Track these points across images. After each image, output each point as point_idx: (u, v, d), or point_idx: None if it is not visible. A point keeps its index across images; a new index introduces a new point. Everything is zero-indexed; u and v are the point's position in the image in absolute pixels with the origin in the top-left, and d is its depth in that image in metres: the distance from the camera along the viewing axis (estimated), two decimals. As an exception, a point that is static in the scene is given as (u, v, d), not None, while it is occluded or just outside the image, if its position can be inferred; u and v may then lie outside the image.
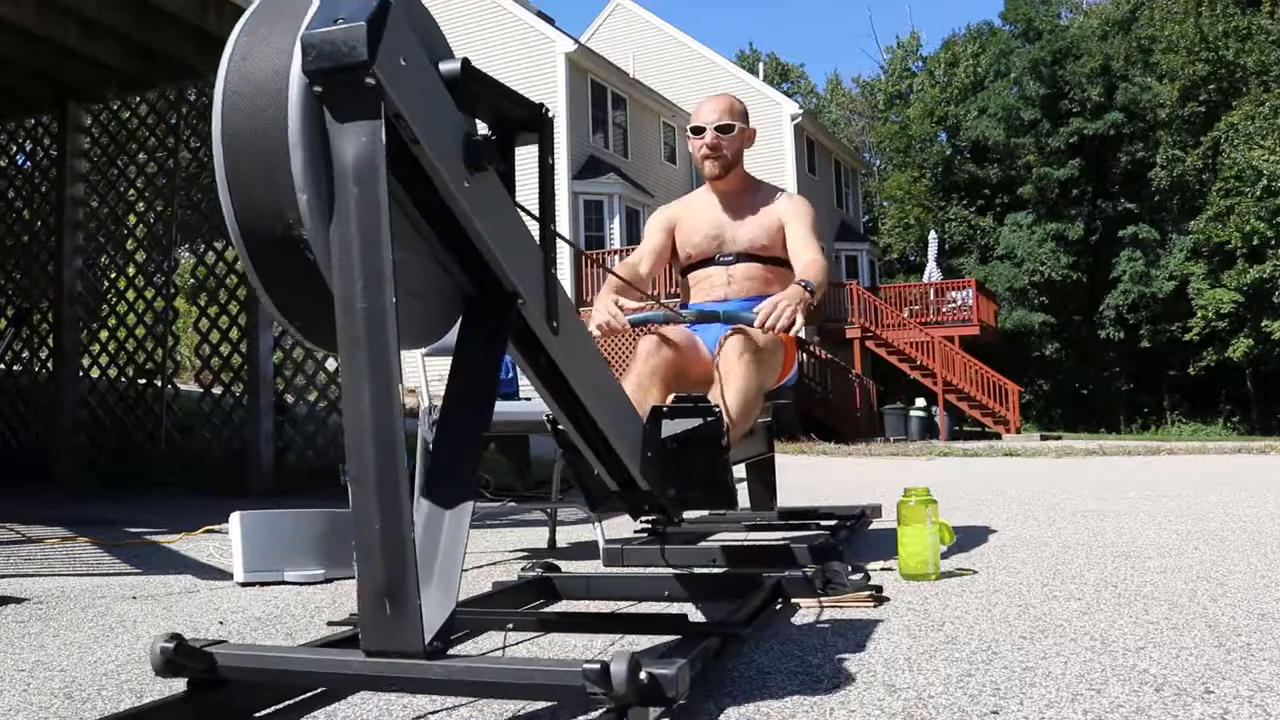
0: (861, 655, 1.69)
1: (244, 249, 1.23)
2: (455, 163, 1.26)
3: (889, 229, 33.96)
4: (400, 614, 1.17)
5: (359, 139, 1.16)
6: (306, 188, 1.16)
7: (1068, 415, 29.70)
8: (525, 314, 1.44)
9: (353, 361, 1.18)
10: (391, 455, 1.18)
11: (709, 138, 2.80)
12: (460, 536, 1.28)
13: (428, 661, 1.17)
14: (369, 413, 1.18)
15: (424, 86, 1.22)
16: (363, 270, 1.16)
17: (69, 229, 6.31)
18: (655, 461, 1.89)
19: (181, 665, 1.29)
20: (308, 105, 1.17)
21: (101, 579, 2.82)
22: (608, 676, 1.13)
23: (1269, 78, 26.06)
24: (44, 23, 5.16)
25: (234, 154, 1.21)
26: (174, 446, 6.15)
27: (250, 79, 1.22)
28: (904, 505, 2.46)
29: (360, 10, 1.12)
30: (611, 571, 2.71)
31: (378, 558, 1.18)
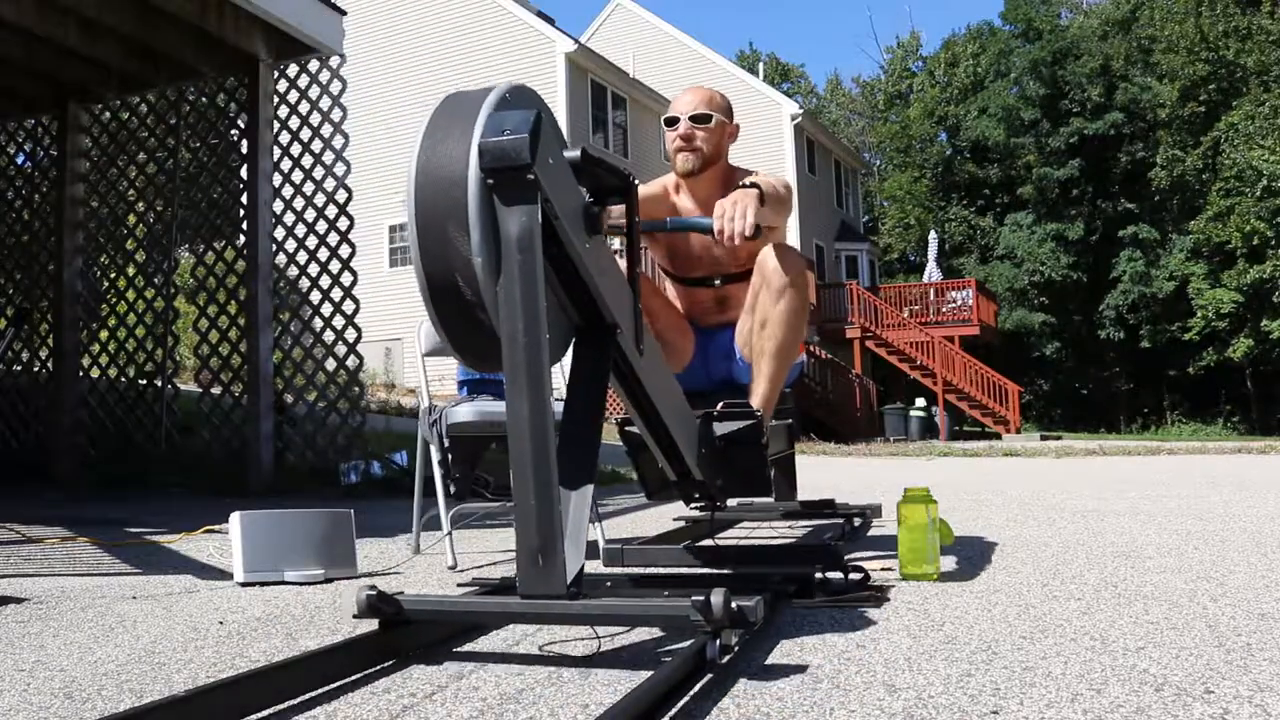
0: (861, 655, 1.69)
1: (429, 299, 1.62)
2: (579, 229, 1.69)
3: (889, 229, 33.97)
4: (550, 567, 1.56)
5: (520, 219, 1.56)
6: (482, 253, 1.55)
7: (1068, 415, 29.71)
8: (620, 340, 1.86)
9: (515, 381, 1.59)
10: (544, 448, 1.58)
11: (682, 128, 2.51)
12: (585, 511, 1.69)
13: (569, 601, 1.56)
14: (528, 421, 1.58)
15: (562, 176, 1.64)
16: (524, 314, 1.57)
17: (69, 229, 6.31)
18: (708, 456, 2.26)
19: (379, 608, 1.69)
20: (482, 193, 1.55)
21: (101, 579, 2.82)
22: (709, 607, 1.50)
23: (1269, 78, 26.06)
24: (44, 23, 5.16)
25: (425, 227, 1.58)
26: (174, 447, 6.15)
27: (436, 171, 1.58)
28: (904, 505, 2.46)
29: (523, 125, 1.52)
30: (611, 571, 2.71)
31: (533, 525, 1.57)
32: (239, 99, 6.02)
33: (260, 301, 5.74)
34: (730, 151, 2.65)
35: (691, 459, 2.20)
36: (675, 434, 2.12)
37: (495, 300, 1.57)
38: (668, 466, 2.27)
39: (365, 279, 7.16)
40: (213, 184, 6.24)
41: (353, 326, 5.91)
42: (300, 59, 6.01)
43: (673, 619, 1.65)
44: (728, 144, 2.60)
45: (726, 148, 2.60)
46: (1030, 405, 28.00)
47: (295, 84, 6.03)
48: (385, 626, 1.72)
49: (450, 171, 1.56)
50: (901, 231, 33.45)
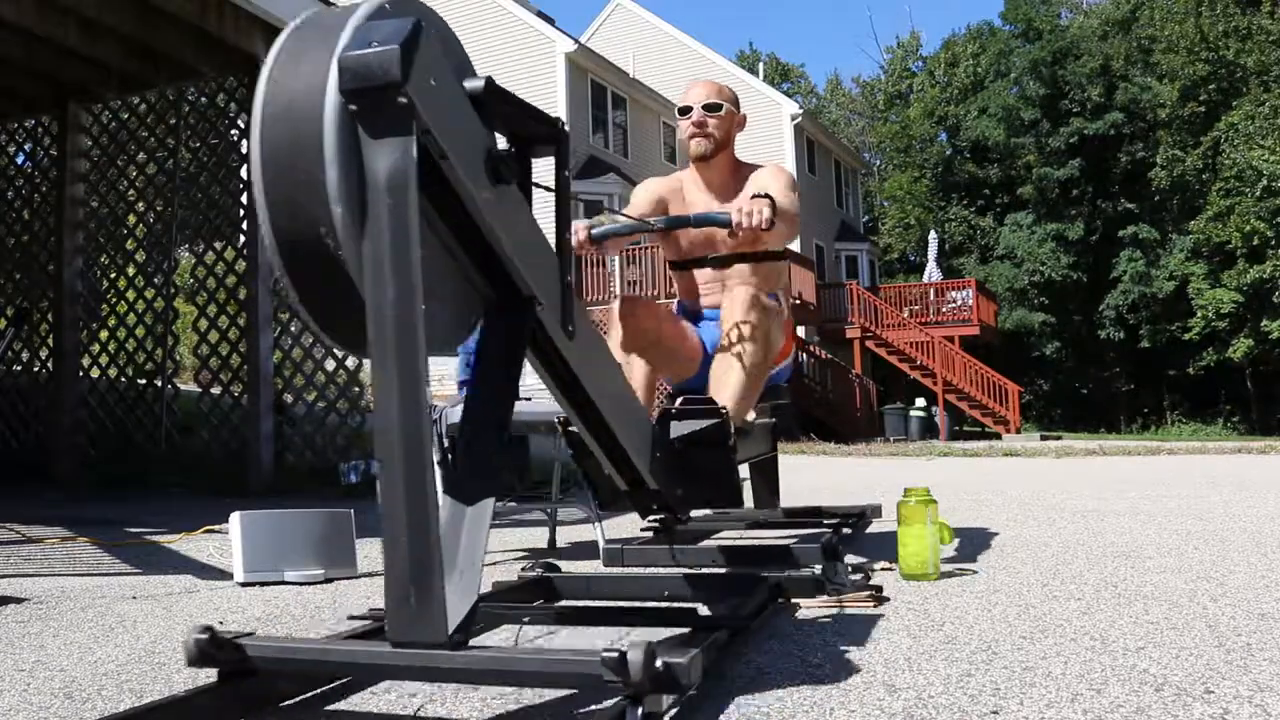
0: (861, 655, 1.69)
1: (280, 260, 1.30)
2: (479, 176, 1.34)
3: (889, 229, 33.97)
4: (425, 605, 1.23)
5: (391, 155, 1.23)
6: (341, 201, 1.23)
7: (1068, 415, 29.70)
8: (542, 318, 1.51)
9: (383, 365, 1.25)
10: (419, 453, 1.25)
11: (695, 116, 2.70)
12: (482, 532, 1.35)
13: (451, 652, 1.23)
14: (397, 413, 1.25)
15: (451, 104, 1.30)
16: (394, 279, 1.23)
17: (69, 229, 6.31)
18: (663, 461, 1.95)
19: (213, 655, 1.36)
20: (343, 123, 1.23)
21: (101, 579, 2.82)
22: (625, 664, 1.18)
23: (1269, 78, 26.06)
24: (44, 23, 5.16)
25: (271, 169, 1.27)
26: (174, 447, 6.15)
27: (288, 97, 1.27)
28: (904, 505, 2.46)
29: (394, 34, 1.20)
30: (612, 571, 2.71)
31: (404, 551, 1.24)
32: (239, 99, 6.02)
33: (260, 301, 5.74)
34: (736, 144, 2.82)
35: (644, 465, 1.88)
36: (621, 435, 1.78)
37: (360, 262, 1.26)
38: (615, 474, 1.94)
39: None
40: (213, 184, 6.24)
41: (353, 326, 5.90)
42: (300, 59, 5.99)
43: (580, 678, 1.29)
44: (735, 131, 2.77)
45: (734, 135, 2.77)
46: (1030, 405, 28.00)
47: (295, 84, 6.02)
48: (226, 678, 1.39)
49: (304, 98, 1.25)
50: (901, 231, 33.45)
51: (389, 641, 1.27)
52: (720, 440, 2.05)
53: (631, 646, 1.19)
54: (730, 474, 2.11)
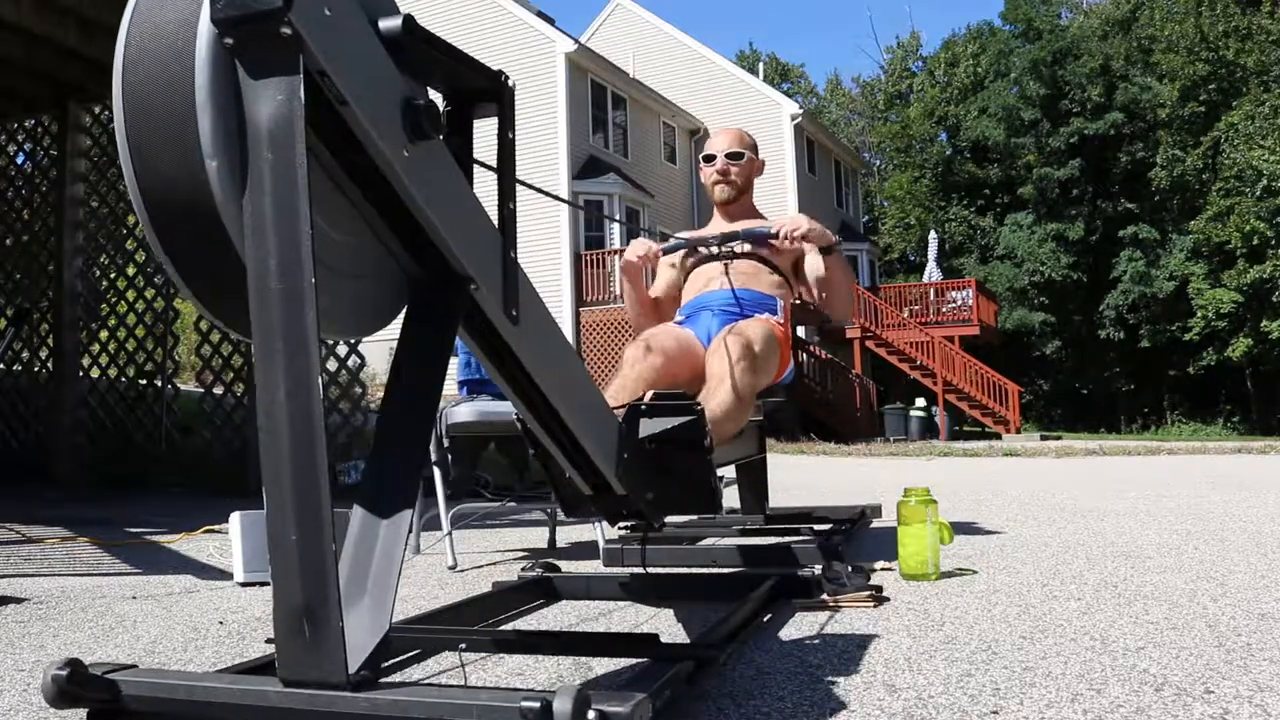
0: (861, 655, 1.69)
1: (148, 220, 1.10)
2: (392, 128, 1.13)
3: (889, 229, 33.96)
4: (320, 639, 1.04)
5: (275, 98, 1.03)
6: (217, 153, 1.04)
7: (1068, 415, 29.70)
8: (480, 301, 1.30)
9: (267, 348, 1.05)
10: (310, 458, 1.05)
11: (719, 164, 2.93)
12: (397, 550, 1.14)
13: (352, 694, 1.04)
14: (284, 408, 1.05)
15: (354, 41, 1.09)
16: (278, 245, 1.04)
17: (69, 229, 6.31)
18: (632, 463, 1.75)
19: (78, 695, 1.15)
20: (219, 60, 1.03)
21: (101, 579, 2.82)
22: (549, 716, 0.98)
23: (1269, 78, 26.06)
24: (44, 23, 5.16)
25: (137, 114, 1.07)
26: (174, 446, 6.15)
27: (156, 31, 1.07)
28: (904, 505, 2.46)
29: None
30: (612, 571, 2.71)
31: (294, 575, 1.05)
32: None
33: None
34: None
35: (609, 467, 1.67)
36: (581, 434, 1.57)
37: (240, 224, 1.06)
38: (577, 477, 1.74)
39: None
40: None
41: (353, 326, 5.91)
42: (300, 59, 6.00)
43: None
44: (755, 176, 3.02)
45: (754, 179, 3.02)
46: (1030, 405, 27.99)
47: (295, 84, 6.02)
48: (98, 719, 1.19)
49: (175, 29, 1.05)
50: (901, 231, 33.44)
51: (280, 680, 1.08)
52: (695, 440, 1.85)
53: (560, 692, 1.00)
54: (706, 477, 1.92)
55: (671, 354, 2.52)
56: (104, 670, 1.17)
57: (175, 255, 1.12)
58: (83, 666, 1.16)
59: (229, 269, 1.08)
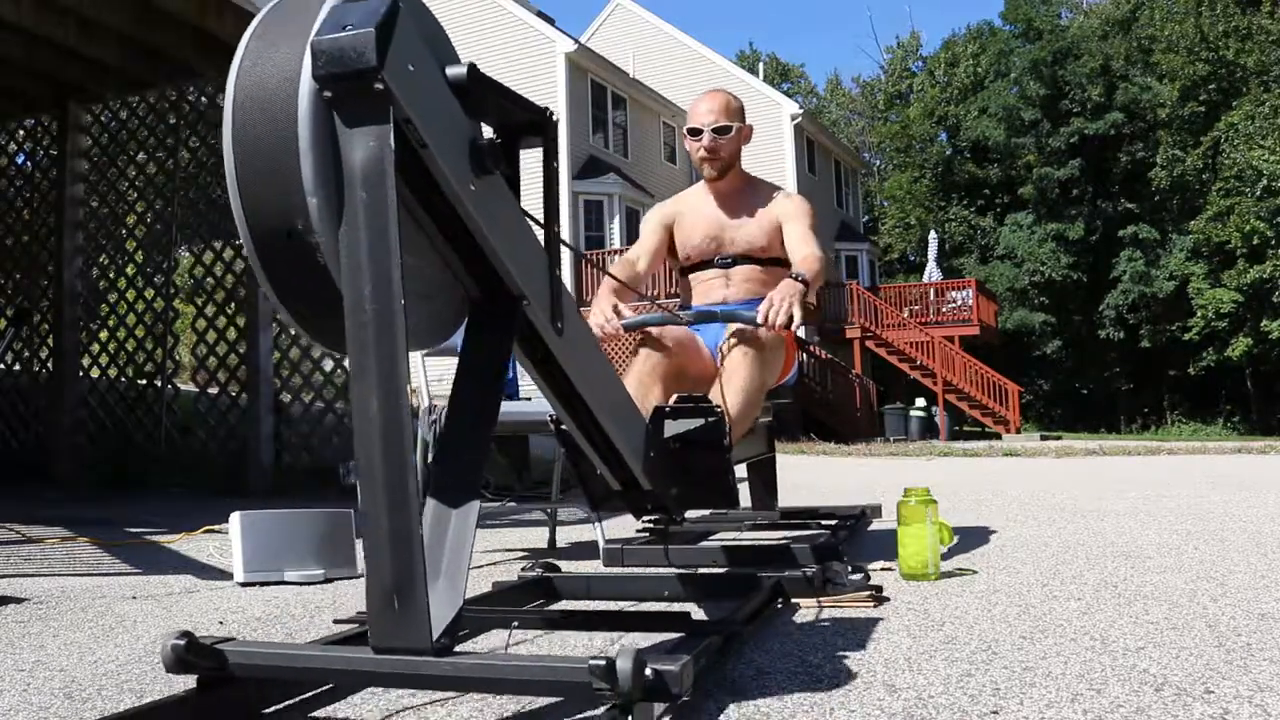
0: (861, 655, 1.69)
1: (254, 252, 1.25)
2: (461, 166, 1.29)
3: (889, 229, 33.97)
4: (408, 611, 1.19)
5: (368, 144, 1.18)
6: (316, 192, 1.18)
7: (1068, 415, 29.70)
8: (530, 315, 1.46)
9: (362, 363, 1.20)
10: (399, 455, 1.20)
11: (706, 140, 2.78)
12: (467, 536, 1.31)
13: (435, 658, 1.19)
14: (377, 414, 1.20)
15: (431, 91, 1.25)
16: (371, 273, 1.19)
17: (69, 229, 6.31)
18: (658, 461, 1.91)
19: (192, 663, 1.30)
20: (318, 111, 1.18)
21: (101, 579, 2.82)
22: (613, 672, 1.15)
23: (1269, 78, 26.06)
24: (44, 23, 5.16)
25: (244, 158, 1.22)
26: (174, 447, 6.15)
27: (261, 84, 1.22)
28: (904, 505, 2.46)
29: (369, 17, 1.15)
30: (612, 571, 2.71)
31: (386, 555, 1.20)
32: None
33: (260, 301, 5.74)
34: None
35: (637, 464, 1.84)
36: (614, 434, 1.75)
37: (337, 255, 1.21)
38: (607, 473, 1.91)
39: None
40: (213, 184, 6.24)
41: (352, 326, 5.91)
42: (300, 59, 6.00)
43: (568, 686, 1.25)
44: (744, 145, 2.87)
45: (742, 148, 2.87)
46: (1030, 405, 28.00)
47: (295, 84, 6.02)
48: (205, 687, 1.35)
49: (278, 84, 1.21)
50: (901, 231, 33.45)
51: (371, 648, 1.23)
52: (716, 440, 2.02)
53: (620, 654, 1.16)
54: (726, 474, 2.09)
55: (683, 348, 2.61)
56: (212, 642, 1.32)
57: (276, 281, 1.27)
58: (195, 638, 1.30)
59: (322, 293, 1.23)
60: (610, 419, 1.72)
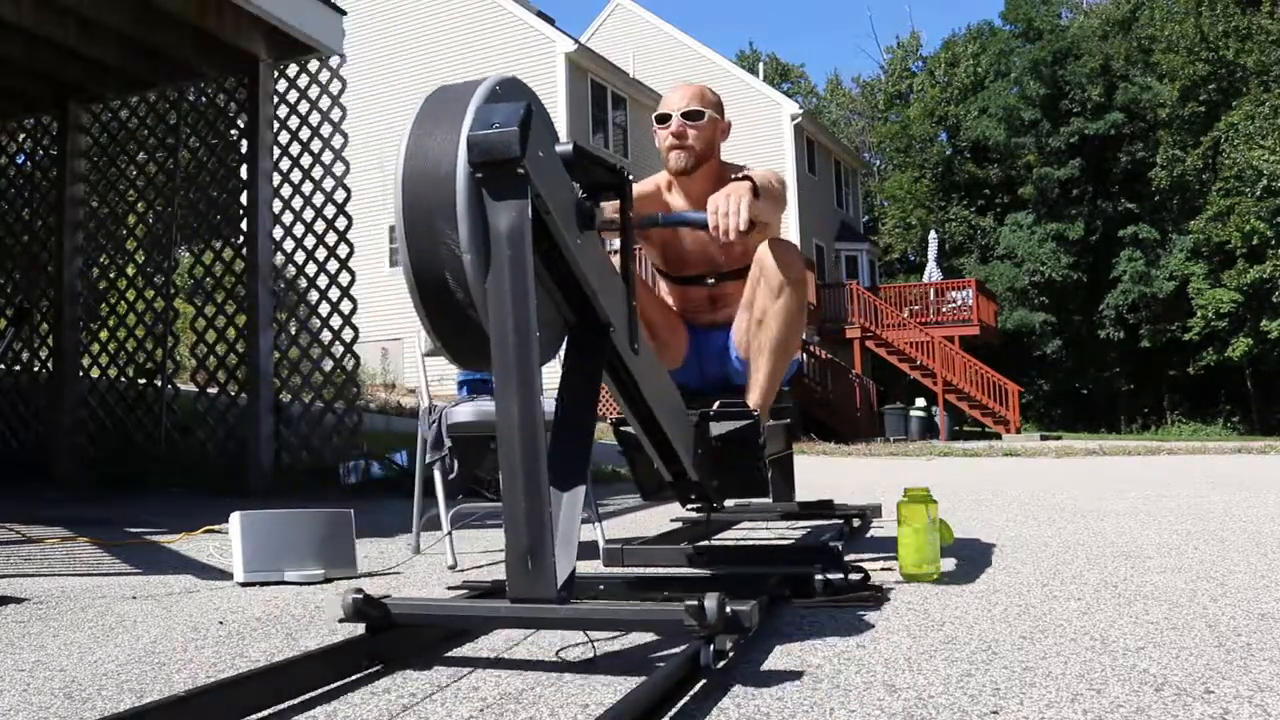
0: (861, 655, 1.69)
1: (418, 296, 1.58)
2: (571, 225, 1.64)
3: (889, 229, 33.97)
4: (539, 570, 1.52)
5: (511, 214, 1.51)
6: (471, 249, 1.51)
7: (1068, 415, 29.70)
8: (614, 339, 1.82)
9: (505, 381, 1.55)
10: (534, 449, 1.53)
11: (674, 125, 2.48)
12: (576, 513, 1.64)
13: (559, 605, 1.52)
14: (517, 419, 1.54)
15: (553, 169, 1.60)
16: (514, 312, 1.52)
17: (69, 229, 6.31)
18: (703, 457, 2.23)
19: (366, 612, 1.64)
20: (471, 187, 1.51)
21: (101, 579, 2.82)
22: (703, 612, 1.46)
23: (1269, 78, 26.06)
24: (44, 23, 5.16)
25: (411, 223, 1.55)
26: (174, 446, 6.15)
27: (426, 160, 1.54)
28: (904, 505, 2.46)
29: (512, 117, 1.48)
30: (611, 571, 2.71)
31: (523, 528, 1.53)
32: (239, 99, 6.02)
33: (260, 301, 5.74)
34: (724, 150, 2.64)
35: (687, 459, 2.18)
36: (671, 434, 2.09)
37: (485, 298, 1.54)
38: (663, 467, 2.24)
39: (364, 279, 7.17)
40: (213, 184, 6.24)
41: (350, 326, 5.91)
42: (300, 59, 6.01)
43: (666, 623, 1.62)
44: (720, 140, 2.57)
45: (719, 144, 2.57)
46: (1030, 405, 28.00)
47: (295, 84, 6.03)
48: (373, 631, 1.67)
49: (438, 166, 1.53)
50: (901, 231, 33.45)
51: (508, 598, 1.54)
52: (752, 439, 2.27)
53: (708, 597, 1.47)
54: (760, 469, 2.34)
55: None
56: (380, 597, 1.67)
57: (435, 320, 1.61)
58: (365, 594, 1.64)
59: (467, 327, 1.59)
60: (669, 421, 2.08)
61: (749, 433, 2.27)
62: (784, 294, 2.36)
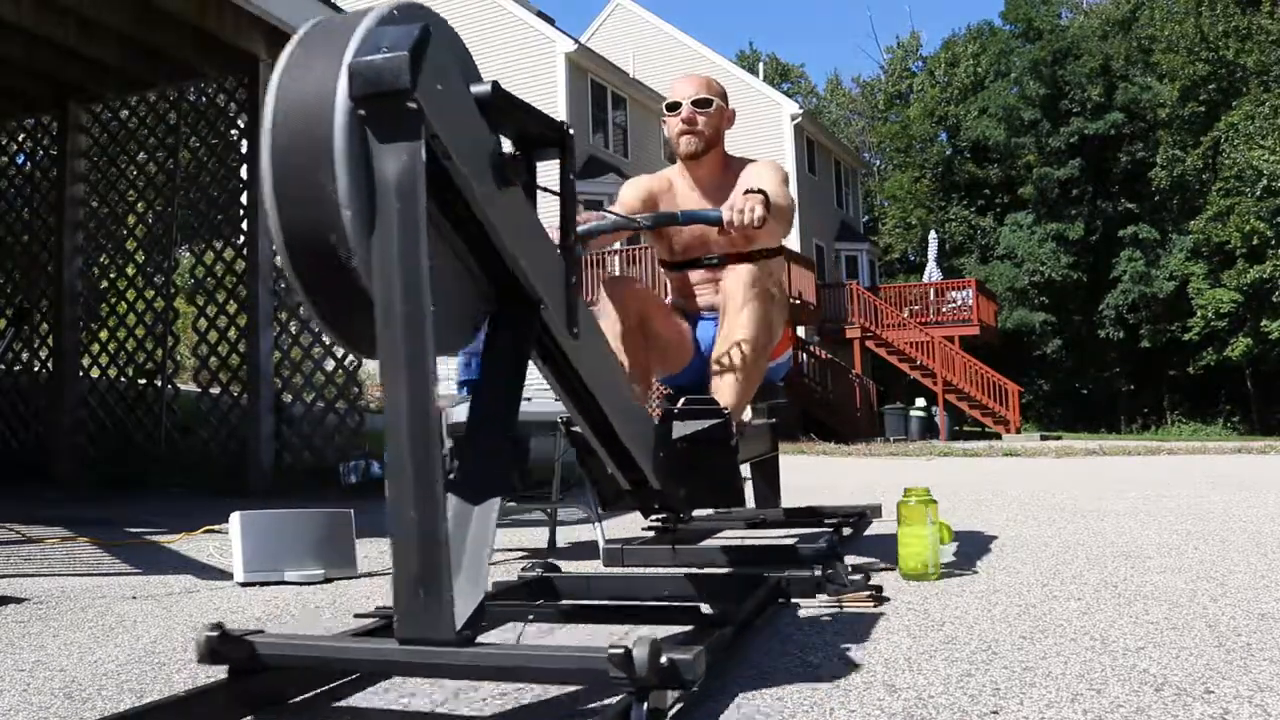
0: (861, 655, 1.69)
1: (290, 262, 1.30)
2: (485, 178, 1.36)
3: (889, 229, 33.97)
4: (433, 603, 1.24)
5: (400, 159, 1.24)
6: (350, 204, 1.24)
7: (1068, 415, 29.70)
8: (547, 320, 1.53)
9: (392, 365, 1.27)
10: (427, 452, 1.25)
11: (685, 112, 2.61)
12: (488, 530, 1.36)
13: (458, 648, 1.24)
14: (406, 412, 1.26)
15: (458, 108, 1.32)
16: (402, 280, 1.25)
17: (69, 229, 6.31)
18: (666, 461, 1.96)
19: (223, 653, 1.37)
20: (353, 128, 1.24)
21: (101, 579, 2.82)
22: (630, 661, 1.19)
23: (1269, 78, 26.06)
24: (44, 23, 5.16)
25: (281, 172, 1.28)
26: (174, 446, 6.15)
27: (298, 102, 1.28)
28: (904, 505, 2.46)
29: (403, 40, 1.22)
30: (612, 571, 2.71)
31: (413, 549, 1.25)
32: (239, 99, 6.02)
33: (260, 301, 5.74)
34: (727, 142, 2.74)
35: (647, 465, 1.90)
36: (625, 435, 1.80)
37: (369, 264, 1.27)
38: (618, 473, 1.95)
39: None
40: (213, 184, 6.24)
41: (352, 326, 5.91)
42: (300, 59, 6.00)
43: (586, 674, 1.31)
44: (726, 127, 2.69)
45: (724, 131, 2.69)
46: (1030, 405, 27.99)
47: (295, 84, 6.02)
48: (236, 674, 1.41)
49: (315, 102, 1.26)
50: (902, 231, 33.45)
51: (396, 639, 1.28)
52: (723, 440, 2.05)
53: (637, 642, 1.20)
54: (733, 473, 2.11)
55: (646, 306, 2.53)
56: (241, 633, 1.37)
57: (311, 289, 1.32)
58: (226, 629, 1.36)
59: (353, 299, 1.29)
60: (621, 420, 1.77)
61: (718, 433, 2.04)
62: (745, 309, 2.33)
